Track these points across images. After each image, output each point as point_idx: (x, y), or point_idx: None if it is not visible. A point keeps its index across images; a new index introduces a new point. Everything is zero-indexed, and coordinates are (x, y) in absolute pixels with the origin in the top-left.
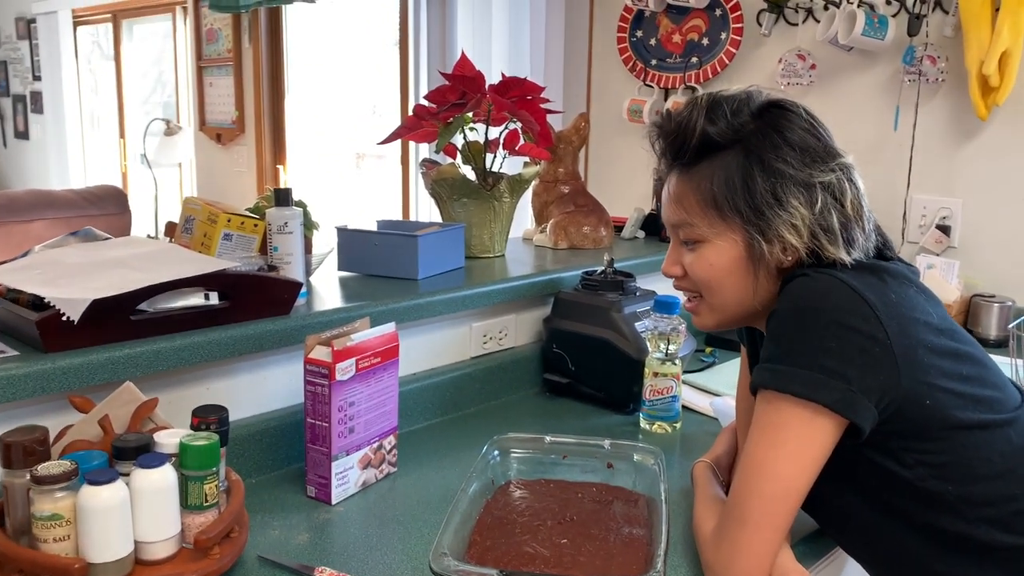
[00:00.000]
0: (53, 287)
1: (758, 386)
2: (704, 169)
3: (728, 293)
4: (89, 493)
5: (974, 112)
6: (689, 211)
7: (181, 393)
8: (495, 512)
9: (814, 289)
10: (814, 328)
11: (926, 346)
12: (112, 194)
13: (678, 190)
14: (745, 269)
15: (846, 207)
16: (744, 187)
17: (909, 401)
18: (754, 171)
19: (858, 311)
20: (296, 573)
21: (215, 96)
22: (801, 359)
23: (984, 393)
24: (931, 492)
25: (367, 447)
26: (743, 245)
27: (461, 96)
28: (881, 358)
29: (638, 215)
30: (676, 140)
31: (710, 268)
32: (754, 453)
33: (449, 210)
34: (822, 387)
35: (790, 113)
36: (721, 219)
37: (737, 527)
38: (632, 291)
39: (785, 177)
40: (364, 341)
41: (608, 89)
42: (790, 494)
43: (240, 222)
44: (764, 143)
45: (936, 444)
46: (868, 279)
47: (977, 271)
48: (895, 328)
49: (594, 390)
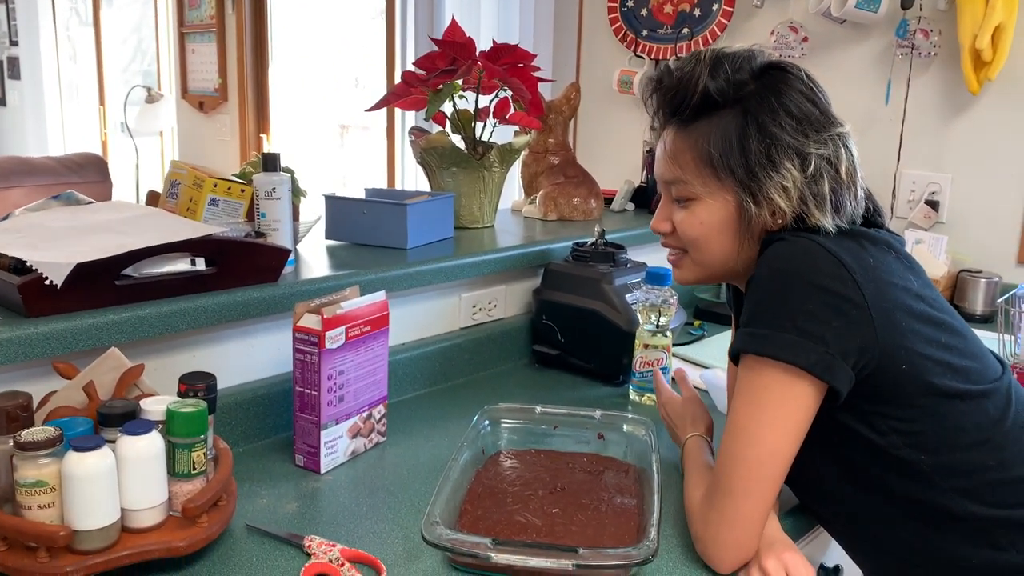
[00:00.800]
0: (36, 251)
1: (738, 350)
2: (702, 127)
3: (714, 251)
4: (74, 460)
5: (966, 87)
6: (684, 168)
7: (167, 360)
8: (486, 481)
9: (792, 253)
10: (792, 291)
11: (904, 310)
12: (92, 162)
13: (674, 147)
14: (734, 229)
15: (840, 173)
16: (740, 147)
17: (886, 363)
18: (751, 131)
19: (836, 273)
20: (285, 542)
21: (197, 63)
22: (779, 322)
23: (962, 363)
24: (904, 460)
25: (356, 416)
26: (734, 205)
27: (451, 63)
28: (858, 320)
29: (628, 187)
30: (676, 95)
31: (700, 226)
32: (736, 419)
33: (438, 179)
34: (799, 349)
35: (790, 76)
36: (715, 178)
37: (723, 496)
38: (623, 263)
39: (780, 140)
40: (354, 309)
41: (598, 59)
42: (775, 459)
43: (227, 187)
44: (763, 104)
45: (911, 411)
46: (846, 243)
47: (965, 247)
48: (872, 291)
49: (583, 362)
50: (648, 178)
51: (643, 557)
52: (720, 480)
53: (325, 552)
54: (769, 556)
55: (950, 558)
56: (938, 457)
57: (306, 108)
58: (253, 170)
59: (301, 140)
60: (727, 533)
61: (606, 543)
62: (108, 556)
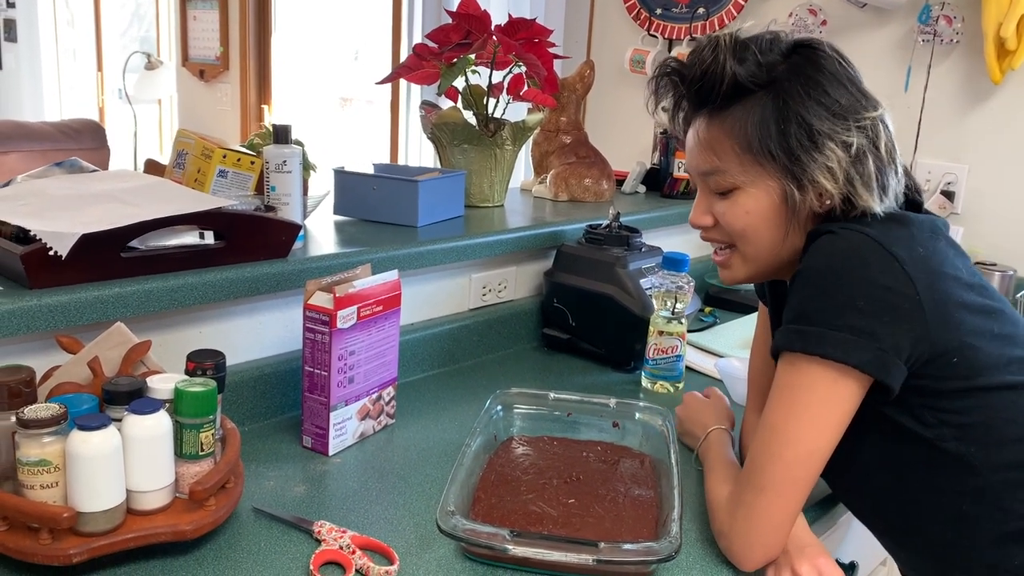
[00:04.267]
0: (39, 219)
1: (782, 349)
2: (736, 113)
3: (764, 242)
4: (79, 439)
5: (988, 76)
6: (722, 157)
7: (173, 336)
8: (498, 469)
9: (841, 247)
10: (842, 287)
11: (956, 301)
12: (90, 128)
13: (709, 136)
14: (782, 216)
15: (880, 150)
16: (779, 131)
17: (937, 357)
18: (788, 113)
19: (887, 268)
20: (293, 527)
21: (199, 31)
22: (829, 320)
23: (1015, 353)
24: (952, 453)
25: (366, 398)
26: (779, 191)
27: (465, 36)
28: (910, 314)
29: (640, 169)
30: (703, 85)
31: (746, 216)
32: (775, 417)
33: (448, 156)
34: (851, 347)
35: (820, 54)
36: (756, 164)
37: (755, 493)
38: (638, 247)
39: (820, 119)
40: (366, 288)
41: (610, 38)
42: (812, 458)
43: (236, 158)
44: (797, 85)
45: (961, 404)
46: (897, 232)
47: (979, 239)
48: (924, 283)
49: (594, 347)
50: (661, 159)
51: (666, 553)
52: (752, 477)
53: (336, 539)
54: (803, 561)
55: (995, 553)
56: (987, 450)
57: (307, 80)
58: (261, 142)
59: (302, 112)
60: (756, 531)
61: (624, 536)
62: (113, 539)
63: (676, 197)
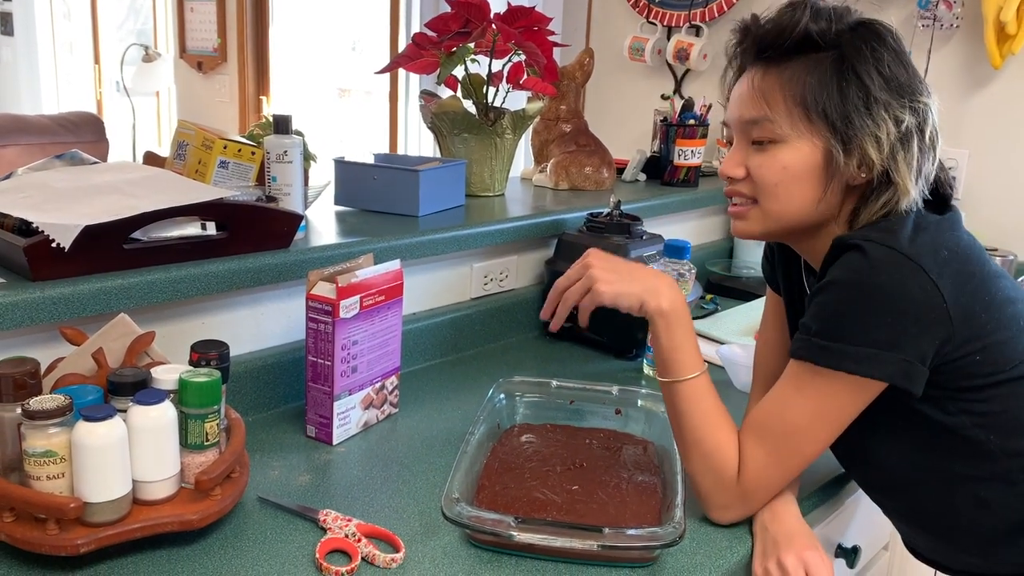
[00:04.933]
0: (41, 211)
1: (805, 360)
2: (797, 66)
3: (793, 200)
4: (85, 430)
5: (988, 60)
6: (773, 107)
7: (176, 327)
8: (502, 456)
9: (869, 264)
10: (870, 304)
11: (983, 299)
12: (89, 121)
13: (763, 84)
14: (817, 179)
15: (925, 136)
16: (839, 91)
17: (960, 356)
18: (849, 75)
19: (914, 281)
20: (299, 516)
21: (196, 22)
22: (854, 336)
23: None
24: (972, 440)
25: (369, 387)
26: (821, 152)
27: (464, 24)
28: (936, 323)
29: (640, 157)
30: (770, 33)
31: (783, 171)
32: (798, 421)
33: (448, 145)
34: (876, 362)
35: (885, 35)
36: (806, 120)
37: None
38: (639, 235)
39: (879, 88)
40: (369, 278)
41: (609, 25)
42: (825, 448)
43: (237, 149)
44: (860, 54)
45: (982, 394)
46: (921, 239)
47: (980, 224)
48: (951, 290)
49: (596, 335)
50: (661, 147)
51: (670, 539)
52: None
53: (341, 527)
54: (789, 552)
55: (1011, 538)
56: (1006, 437)
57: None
58: (262, 132)
59: (301, 103)
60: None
61: (628, 522)
62: (120, 529)
63: (676, 185)
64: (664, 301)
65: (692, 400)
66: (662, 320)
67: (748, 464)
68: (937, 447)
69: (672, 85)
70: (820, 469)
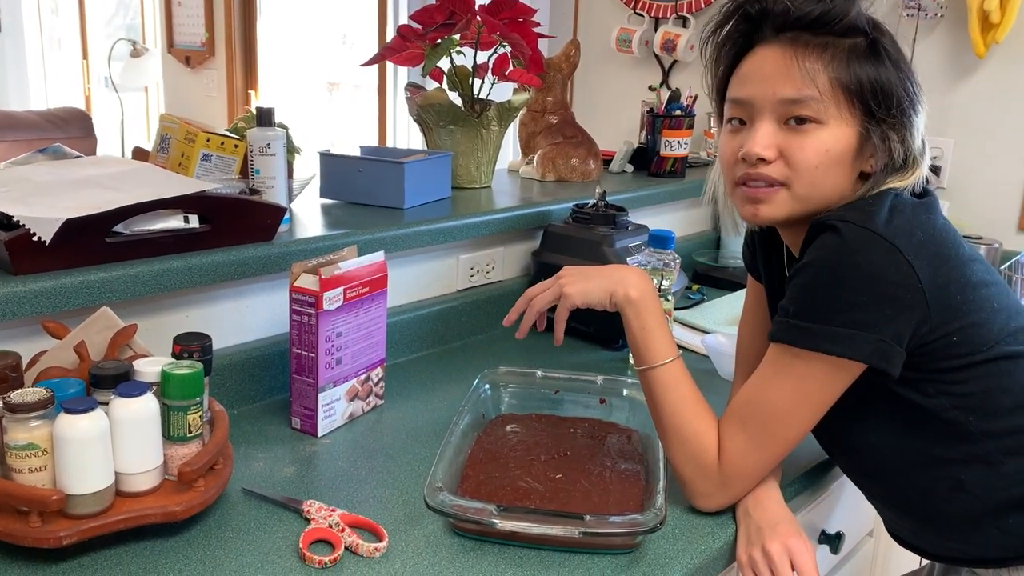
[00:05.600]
0: (23, 205)
1: (783, 342)
2: (837, 48)
3: (827, 184)
4: (66, 422)
5: (972, 50)
6: (819, 87)
7: (159, 320)
8: (487, 446)
9: (843, 243)
10: (846, 284)
11: (959, 282)
12: (76, 116)
13: (808, 63)
14: (848, 164)
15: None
16: (897, 80)
17: (936, 337)
18: (899, 66)
19: (889, 261)
20: (283, 507)
21: (184, 16)
22: (831, 316)
23: (1012, 324)
24: (952, 422)
25: (354, 379)
26: (856, 137)
27: (449, 16)
28: (912, 303)
29: (627, 148)
30: (811, 12)
31: (825, 154)
32: (778, 404)
33: (435, 138)
34: (852, 342)
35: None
36: (848, 104)
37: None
38: (624, 225)
39: (911, 81)
40: (352, 270)
41: (596, 17)
42: (807, 431)
43: (220, 142)
44: (895, 44)
45: (960, 375)
46: (896, 221)
47: (965, 212)
48: (927, 271)
49: (582, 325)
50: (648, 138)
51: (651, 525)
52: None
53: (325, 517)
54: (774, 539)
55: (993, 520)
56: (985, 418)
57: (294, 65)
58: (246, 125)
59: (289, 97)
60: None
61: (611, 509)
62: (103, 521)
63: (663, 176)
64: (632, 290)
65: (667, 386)
66: (631, 308)
67: (728, 450)
68: (917, 430)
69: (659, 76)
70: (804, 455)
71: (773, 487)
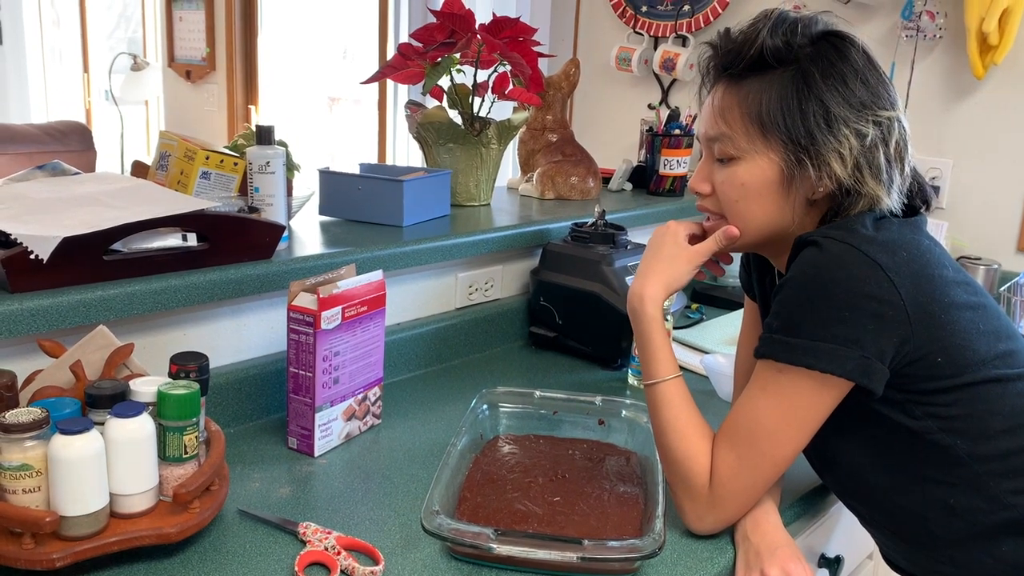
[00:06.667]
0: (20, 223)
1: (767, 357)
2: (754, 84)
3: (753, 217)
4: (61, 443)
5: (971, 71)
6: (731, 124)
7: (156, 338)
8: (484, 468)
9: (825, 258)
10: (827, 298)
11: (943, 301)
12: (76, 130)
13: (723, 103)
14: (776, 194)
15: (889, 147)
16: (798, 108)
17: (921, 357)
18: (808, 93)
19: (870, 276)
20: (279, 528)
21: (185, 31)
22: (815, 331)
23: (999, 347)
24: (939, 445)
25: (351, 398)
26: (779, 167)
27: (450, 35)
28: (894, 320)
29: (626, 167)
30: (732, 50)
31: (741, 188)
32: (766, 422)
33: (434, 155)
34: (834, 357)
35: (848, 45)
36: (762, 136)
37: (742, 487)
38: (623, 244)
39: (838, 105)
40: (351, 289)
41: (596, 36)
42: (797, 451)
43: (219, 160)
44: (817, 69)
45: (946, 397)
46: (879, 238)
47: (964, 233)
48: (908, 288)
49: (581, 345)
50: (647, 157)
51: (650, 550)
52: (742, 474)
53: (320, 540)
54: (773, 564)
55: (983, 543)
56: (974, 442)
57: (295, 80)
58: (245, 143)
59: (290, 112)
60: (731, 513)
61: (609, 533)
62: (97, 543)
63: (662, 194)
64: (635, 300)
65: (661, 405)
66: (634, 319)
67: (719, 469)
68: (905, 453)
69: (659, 95)
70: (802, 478)
71: (772, 511)
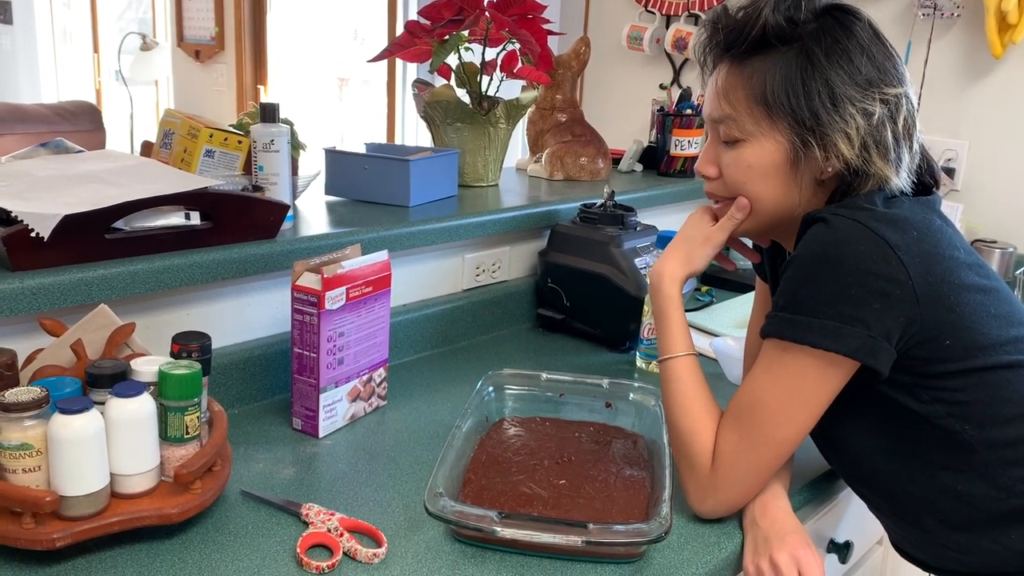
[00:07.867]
0: (21, 200)
1: (773, 336)
2: (757, 63)
3: (760, 199)
4: (61, 422)
5: (989, 50)
6: (736, 106)
7: (159, 318)
8: (489, 450)
9: (833, 235)
10: (834, 275)
11: (952, 283)
12: (86, 110)
13: (726, 83)
14: (783, 175)
15: (897, 124)
16: (803, 88)
17: (929, 338)
18: (813, 72)
19: (878, 254)
20: (282, 510)
21: (194, 11)
22: (820, 308)
23: (1011, 332)
24: (947, 430)
25: (356, 379)
26: (786, 149)
27: (458, 12)
28: (901, 299)
29: (636, 147)
30: (734, 29)
31: (748, 170)
32: (769, 402)
33: (442, 135)
34: (840, 336)
35: (853, 21)
36: (768, 117)
37: (744, 468)
38: (632, 225)
39: (843, 84)
40: (355, 269)
41: (607, 14)
42: (801, 434)
43: (223, 138)
44: (821, 47)
45: (954, 382)
46: (889, 216)
47: (979, 215)
48: (917, 267)
49: (589, 327)
50: (658, 137)
51: (656, 535)
52: (747, 456)
53: (323, 521)
54: (782, 550)
55: (992, 531)
56: (983, 428)
57: (304, 60)
58: (251, 121)
59: (299, 92)
60: (737, 497)
61: (615, 517)
62: (97, 523)
63: (673, 175)
64: (654, 276)
65: (668, 381)
66: (650, 295)
67: (721, 449)
68: (913, 437)
69: (670, 75)
70: (811, 464)
71: (781, 495)
